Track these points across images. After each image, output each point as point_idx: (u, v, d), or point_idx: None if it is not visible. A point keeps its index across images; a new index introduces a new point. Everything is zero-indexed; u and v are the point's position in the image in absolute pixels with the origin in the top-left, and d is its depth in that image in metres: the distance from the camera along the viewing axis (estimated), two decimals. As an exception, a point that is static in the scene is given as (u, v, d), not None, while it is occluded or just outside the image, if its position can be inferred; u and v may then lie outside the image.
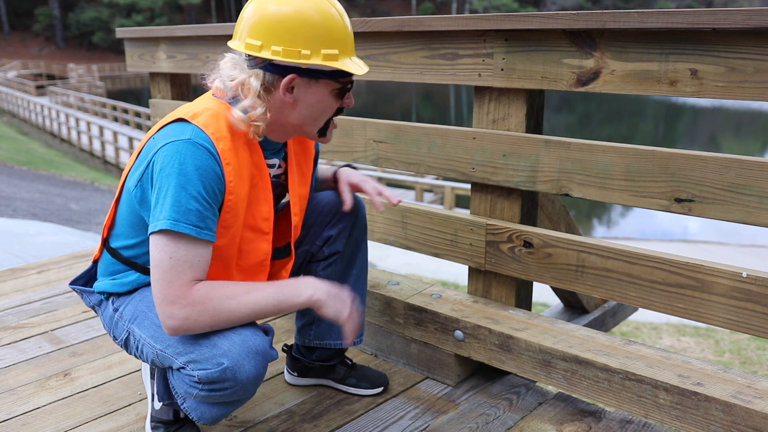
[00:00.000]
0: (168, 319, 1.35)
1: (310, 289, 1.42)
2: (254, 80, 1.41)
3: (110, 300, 1.58)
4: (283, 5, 1.39)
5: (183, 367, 1.40)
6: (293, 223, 1.66)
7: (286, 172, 1.66)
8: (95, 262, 1.66)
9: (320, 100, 1.46)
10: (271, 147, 1.57)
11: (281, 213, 1.76)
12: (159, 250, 1.35)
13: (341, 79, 1.45)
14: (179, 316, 1.34)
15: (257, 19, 1.40)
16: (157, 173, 1.36)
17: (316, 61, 1.40)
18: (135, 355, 1.55)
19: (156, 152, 1.37)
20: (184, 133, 1.37)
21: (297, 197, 1.67)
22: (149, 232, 1.36)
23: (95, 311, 1.66)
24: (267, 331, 1.46)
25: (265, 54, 1.39)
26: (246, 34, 1.41)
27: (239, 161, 1.44)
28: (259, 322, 1.55)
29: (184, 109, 1.45)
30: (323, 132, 1.53)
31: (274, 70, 1.41)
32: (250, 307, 1.38)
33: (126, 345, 1.56)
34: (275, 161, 1.61)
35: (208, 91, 1.55)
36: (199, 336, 1.39)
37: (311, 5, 1.40)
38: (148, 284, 1.54)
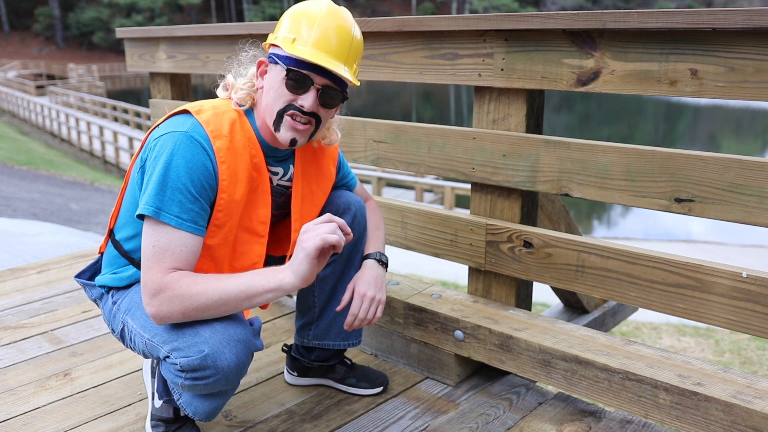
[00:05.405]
0: (146, 306, 1.37)
1: (280, 273, 1.36)
2: (255, 67, 1.54)
3: (110, 293, 1.62)
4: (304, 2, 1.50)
5: (168, 356, 1.42)
6: (292, 239, 1.67)
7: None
8: (102, 254, 1.70)
9: (272, 86, 1.48)
10: (275, 154, 1.59)
11: (283, 224, 1.76)
12: (145, 238, 1.39)
13: (290, 66, 1.44)
14: (154, 303, 1.36)
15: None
16: (151, 160, 1.41)
17: (275, 42, 1.47)
18: (129, 347, 1.58)
19: (156, 140, 1.43)
20: (183, 126, 1.42)
21: (298, 215, 1.68)
22: (136, 214, 1.41)
23: (96, 304, 1.69)
24: (253, 323, 1.47)
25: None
26: None
27: (236, 161, 1.47)
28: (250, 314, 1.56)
29: (195, 103, 1.51)
30: (277, 125, 1.49)
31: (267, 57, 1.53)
32: (218, 293, 1.34)
33: (122, 337, 1.59)
34: (279, 169, 1.62)
35: (210, 92, 1.64)
36: (183, 325, 1.41)
37: (320, 4, 1.47)
38: None
